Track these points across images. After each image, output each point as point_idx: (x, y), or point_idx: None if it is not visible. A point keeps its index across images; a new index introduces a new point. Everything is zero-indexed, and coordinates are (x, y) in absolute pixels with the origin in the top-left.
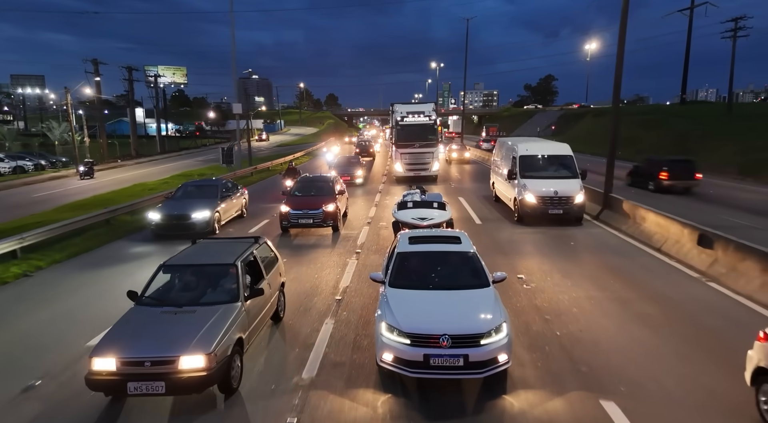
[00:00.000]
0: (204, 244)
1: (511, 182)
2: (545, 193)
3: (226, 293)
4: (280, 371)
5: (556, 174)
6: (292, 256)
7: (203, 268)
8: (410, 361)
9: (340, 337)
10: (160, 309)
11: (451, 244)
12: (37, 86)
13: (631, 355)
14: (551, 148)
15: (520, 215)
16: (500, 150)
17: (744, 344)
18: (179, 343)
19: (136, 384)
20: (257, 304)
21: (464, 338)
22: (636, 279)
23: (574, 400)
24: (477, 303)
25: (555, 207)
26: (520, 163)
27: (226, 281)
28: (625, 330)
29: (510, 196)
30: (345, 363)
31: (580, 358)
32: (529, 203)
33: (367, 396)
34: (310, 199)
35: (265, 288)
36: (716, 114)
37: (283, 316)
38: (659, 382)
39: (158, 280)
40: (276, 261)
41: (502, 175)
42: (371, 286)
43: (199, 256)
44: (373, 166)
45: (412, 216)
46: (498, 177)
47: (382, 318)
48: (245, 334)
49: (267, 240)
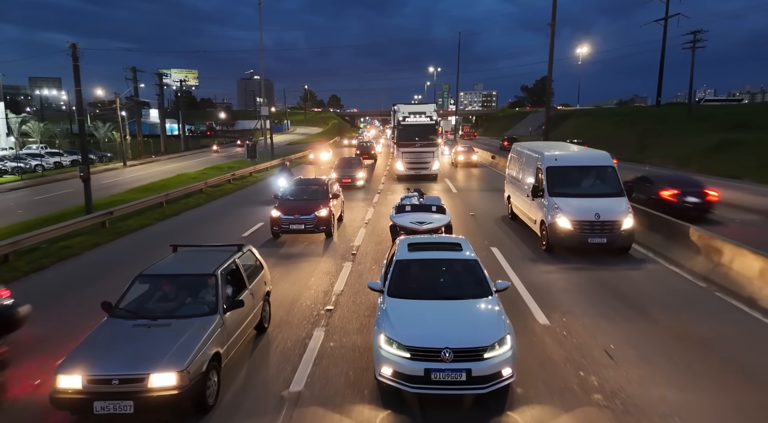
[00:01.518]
0: (184, 253)
1: (535, 201)
2: (583, 217)
3: (204, 305)
4: (262, 386)
5: (596, 190)
6: (282, 262)
7: (181, 278)
8: (410, 375)
9: (331, 347)
10: (134, 322)
11: (452, 252)
12: (54, 88)
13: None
14: (586, 156)
15: (549, 244)
16: (518, 158)
17: None
18: (150, 360)
19: (103, 403)
20: (238, 316)
21: (467, 352)
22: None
23: (581, 416)
24: (480, 314)
25: (597, 234)
26: (549, 176)
27: (204, 292)
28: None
29: (534, 218)
30: (336, 376)
31: None
32: (563, 230)
33: (365, 412)
34: (302, 203)
35: (248, 298)
36: (679, 115)
37: (268, 326)
38: None
39: (134, 291)
40: (261, 269)
41: (522, 190)
42: (365, 293)
43: (178, 265)
44: (374, 168)
45: (410, 220)
46: (514, 190)
47: (380, 330)
48: (223, 348)
49: (252, 247)
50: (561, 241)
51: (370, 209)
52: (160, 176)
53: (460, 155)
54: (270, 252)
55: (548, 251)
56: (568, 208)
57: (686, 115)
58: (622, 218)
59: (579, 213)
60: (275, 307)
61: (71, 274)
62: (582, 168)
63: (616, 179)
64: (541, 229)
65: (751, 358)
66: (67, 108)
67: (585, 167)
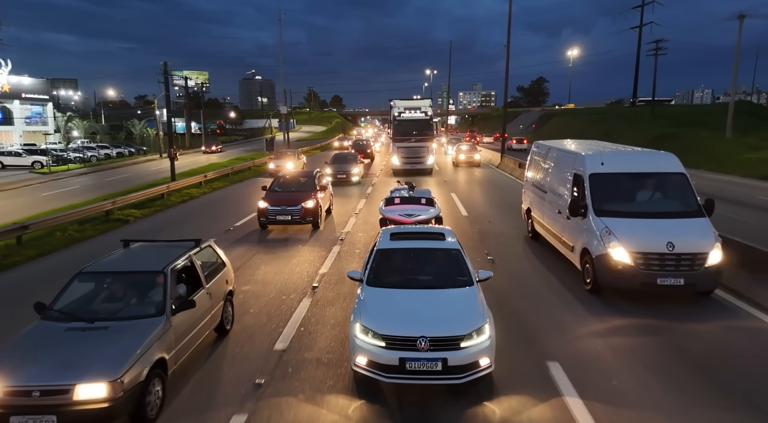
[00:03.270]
0: (135, 249)
1: (573, 220)
2: (650, 247)
3: (150, 306)
4: (217, 392)
5: (663, 208)
6: (264, 252)
7: (126, 276)
8: (385, 365)
9: (303, 346)
10: (67, 325)
11: (434, 241)
12: (71, 88)
13: None
14: (645, 159)
15: (596, 283)
16: (542, 160)
17: None
18: (78, 368)
19: (21, 418)
20: (190, 318)
21: (443, 341)
22: None
23: (557, 405)
24: (459, 303)
25: (670, 272)
26: (594, 186)
27: (151, 292)
28: None
29: (572, 244)
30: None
31: None
32: (619, 265)
33: (339, 402)
34: (289, 194)
35: (203, 299)
36: (646, 113)
37: (230, 328)
38: None
39: (73, 290)
40: (222, 267)
41: (550, 203)
42: (346, 286)
43: (124, 262)
44: (371, 167)
45: (399, 212)
46: (538, 202)
47: (356, 319)
48: (170, 353)
49: (212, 243)
50: (615, 281)
51: (362, 200)
52: (194, 165)
53: (462, 154)
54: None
55: (594, 293)
56: (626, 234)
57: (650, 114)
58: (707, 250)
59: (643, 241)
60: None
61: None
62: (640, 176)
63: (691, 192)
64: (582, 260)
65: None
66: (81, 106)
67: (645, 175)
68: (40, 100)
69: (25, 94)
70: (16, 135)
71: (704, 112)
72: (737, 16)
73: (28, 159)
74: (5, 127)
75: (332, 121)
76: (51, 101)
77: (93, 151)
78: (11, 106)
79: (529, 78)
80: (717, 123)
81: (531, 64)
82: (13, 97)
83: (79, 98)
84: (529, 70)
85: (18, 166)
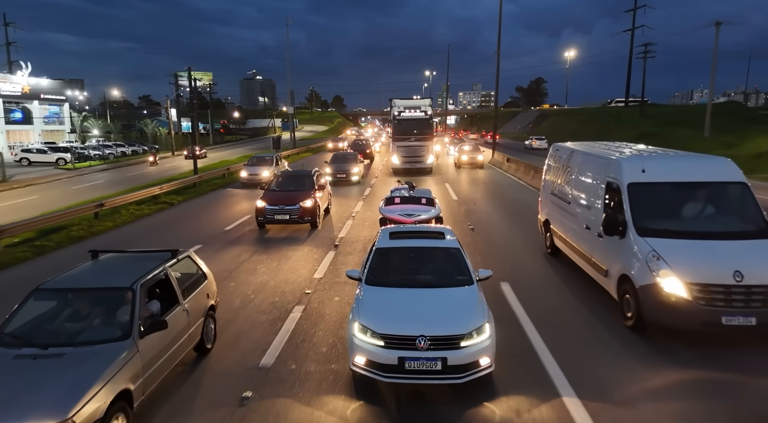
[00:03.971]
0: (104, 261)
1: (609, 239)
2: (713, 277)
3: (115, 328)
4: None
5: (723, 227)
6: (259, 253)
7: (89, 293)
8: (384, 364)
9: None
10: (17, 351)
11: (434, 240)
12: (77, 89)
13: None
14: (694, 166)
15: (640, 319)
16: (564, 164)
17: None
18: (22, 405)
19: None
20: (162, 340)
21: (443, 340)
22: None
23: (559, 406)
24: (458, 302)
25: (737, 309)
26: (633, 200)
27: (117, 311)
28: None
29: (606, 268)
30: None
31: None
32: (672, 298)
33: (337, 403)
34: (287, 194)
35: (179, 317)
36: (633, 114)
37: (211, 346)
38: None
39: (29, 310)
40: (203, 279)
41: (575, 215)
42: (343, 291)
43: (89, 276)
44: (370, 168)
45: (399, 212)
46: (559, 213)
47: (355, 318)
48: (136, 383)
49: (191, 253)
50: (666, 318)
51: (360, 202)
52: (206, 163)
53: (464, 155)
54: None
55: (637, 331)
56: (680, 260)
57: (638, 115)
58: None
59: (703, 269)
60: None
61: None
62: (691, 186)
63: (755, 206)
64: (621, 289)
65: None
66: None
67: (696, 184)
68: (57, 100)
69: (43, 95)
70: (35, 134)
71: (692, 112)
72: (714, 23)
73: (53, 156)
74: (25, 127)
75: (334, 120)
76: (67, 102)
77: (110, 149)
78: (30, 107)
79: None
80: (701, 123)
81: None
82: (32, 98)
83: (84, 98)
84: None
85: (43, 163)
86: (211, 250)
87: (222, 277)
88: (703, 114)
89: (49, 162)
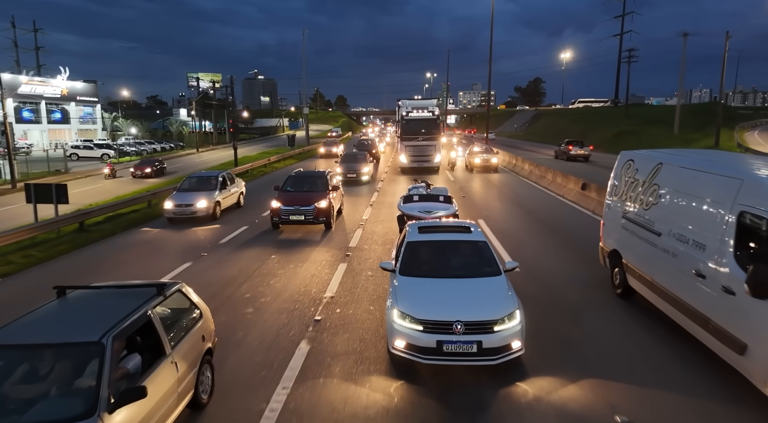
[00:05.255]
0: (71, 299)
1: (747, 300)
2: None
3: (76, 399)
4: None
5: None
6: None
7: (44, 351)
8: (423, 347)
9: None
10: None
11: (461, 234)
12: None
13: None
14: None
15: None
16: (647, 180)
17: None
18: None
19: None
20: (141, 410)
21: (477, 325)
22: None
23: (586, 386)
24: (489, 290)
25: None
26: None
27: (81, 375)
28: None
29: (745, 343)
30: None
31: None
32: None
33: (380, 383)
34: (302, 194)
35: (166, 372)
36: (620, 113)
37: (208, 400)
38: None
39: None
40: (198, 319)
41: (675, 255)
42: (364, 309)
43: (46, 325)
44: (376, 169)
45: (418, 209)
46: (643, 245)
47: (394, 305)
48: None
49: (184, 286)
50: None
51: (373, 198)
52: (229, 158)
53: (477, 157)
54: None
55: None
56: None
57: (623, 114)
58: None
59: None
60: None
61: None
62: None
63: None
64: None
65: None
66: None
67: None
68: (90, 102)
69: (79, 97)
70: (72, 133)
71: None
72: (682, 34)
73: (98, 152)
74: (64, 126)
75: (338, 120)
76: (99, 103)
77: (143, 146)
78: (68, 108)
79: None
80: (680, 121)
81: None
82: (69, 100)
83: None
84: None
85: (90, 158)
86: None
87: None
88: (682, 114)
89: (95, 157)
